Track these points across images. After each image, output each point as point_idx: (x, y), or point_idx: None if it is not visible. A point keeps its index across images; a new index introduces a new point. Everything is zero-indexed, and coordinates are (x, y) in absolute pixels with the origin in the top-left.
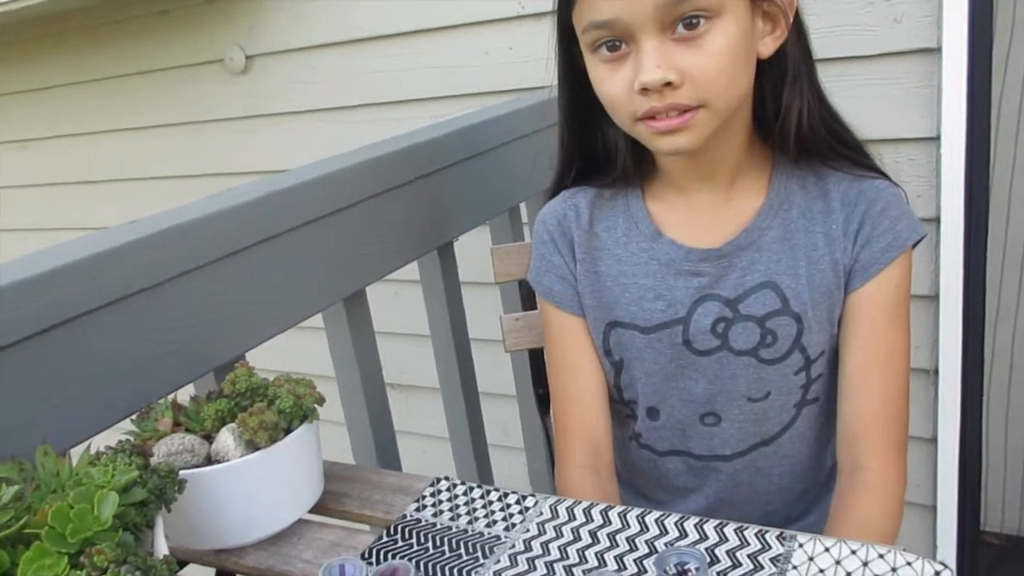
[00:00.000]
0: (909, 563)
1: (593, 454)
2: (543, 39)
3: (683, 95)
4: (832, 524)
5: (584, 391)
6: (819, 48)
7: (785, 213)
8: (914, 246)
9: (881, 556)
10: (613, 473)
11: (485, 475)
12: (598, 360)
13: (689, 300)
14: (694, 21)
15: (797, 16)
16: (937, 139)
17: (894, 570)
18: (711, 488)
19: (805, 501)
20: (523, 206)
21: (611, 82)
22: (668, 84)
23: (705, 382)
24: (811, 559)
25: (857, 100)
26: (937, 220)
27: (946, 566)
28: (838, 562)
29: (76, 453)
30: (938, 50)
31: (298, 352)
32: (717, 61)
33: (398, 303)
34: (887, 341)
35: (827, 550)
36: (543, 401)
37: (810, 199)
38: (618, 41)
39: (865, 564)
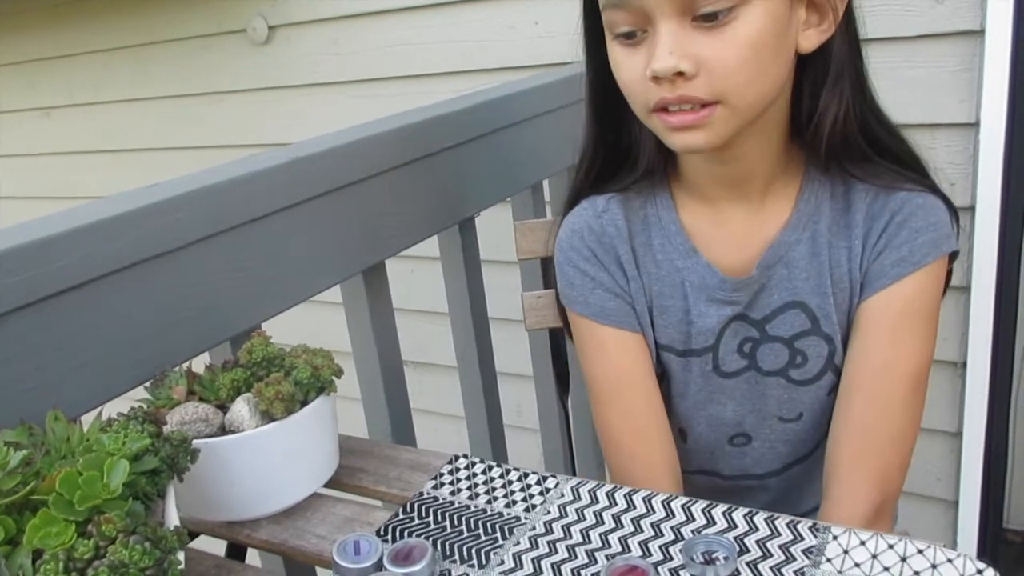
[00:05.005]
0: (950, 560)
1: (679, 488)
2: (570, 13)
3: (697, 87)
4: None
5: (661, 419)
6: None
7: (814, 226)
8: (951, 262)
9: (920, 552)
10: None
11: (500, 455)
12: (656, 380)
13: (719, 327)
14: (718, 7)
15: (848, 9)
16: (976, 125)
17: (934, 566)
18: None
19: None
20: (546, 184)
21: (626, 67)
22: (680, 74)
23: (734, 404)
24: (846, 552)
25: (893, 83)
26: (972, 209)
27: (988, 565)
28: (874, 556)
29: (87, 420)
30: (981, 33)
31: (312, 328)
32: (738, 53)
33: (414, 280)
34: (881, 360)
35: (863, 543)
36: (562, 380)
37: (836, 211)
38: (635, 24)
39: (903, 559)
